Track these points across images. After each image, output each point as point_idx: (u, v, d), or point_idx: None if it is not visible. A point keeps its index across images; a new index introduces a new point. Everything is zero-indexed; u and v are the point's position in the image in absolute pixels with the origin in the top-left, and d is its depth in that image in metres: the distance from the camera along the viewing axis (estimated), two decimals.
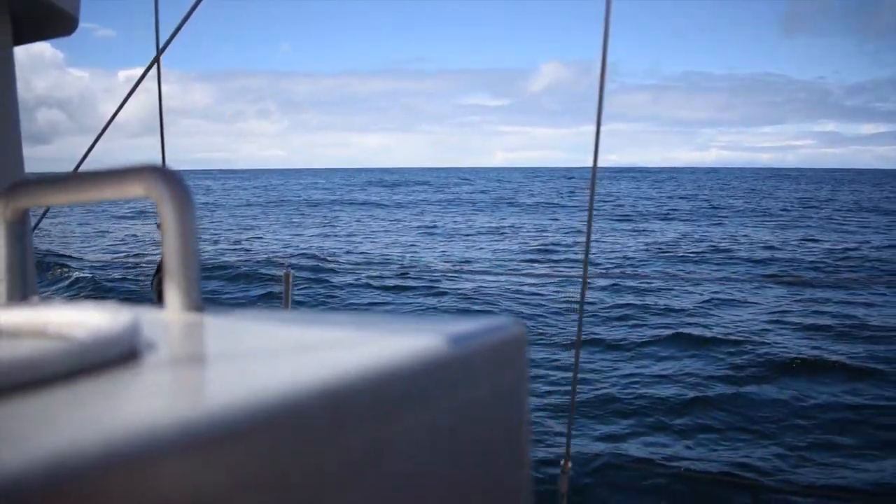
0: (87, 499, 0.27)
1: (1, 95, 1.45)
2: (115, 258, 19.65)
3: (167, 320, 0.58)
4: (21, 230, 0.69)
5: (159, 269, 2.81)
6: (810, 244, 23.12)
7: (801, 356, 9.24)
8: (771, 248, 22.11)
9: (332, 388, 0.38)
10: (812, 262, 18.86)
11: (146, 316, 0.57)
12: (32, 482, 0.26)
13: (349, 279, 15.07)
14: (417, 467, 0.44)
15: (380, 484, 0.41)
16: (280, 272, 4.10)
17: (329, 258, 19.76)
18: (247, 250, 22.42)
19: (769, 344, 9.92)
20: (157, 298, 2.73)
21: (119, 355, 0.43)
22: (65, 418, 0.33)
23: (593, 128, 2.69)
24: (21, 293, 0.70)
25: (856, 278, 16.40)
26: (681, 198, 54.10)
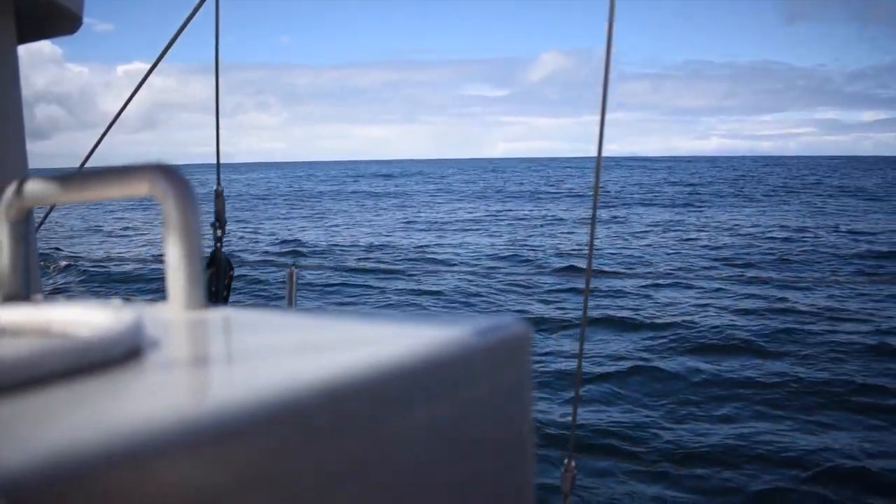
0: (89, 497, 0.27)
1: (5, 94, 1.44)
2: (119, 254, 19.76)
3: (170, 318, 0.58)
4: (25, 228, 0.70)
5: (209, 264, 2.92)
6: (777, 229, 23.65)
7: (720, 338, 9.86)
8: (736, 234, 22.65)
9: (334, 386, 0.38)
10: (770, 248, 19.40)
11: (149, 314, 0.57)
12: (33, 480, 0.26)
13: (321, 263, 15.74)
14: (420, 466, 0.44)
15: (382, 483, 0.41)
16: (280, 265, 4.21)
17: (306, 246, 20.37)
18: (231, 241, 22.89)
19: (698, 326, 10.53)
20: (208, 296, 2.65)
21: (122, 354, 0.43)
22: (67, 417, 0.33)
23: (594, 117, 2.60)
24: (24, 291, 0.70)
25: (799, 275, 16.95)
26: (668, 183, 54.58)
